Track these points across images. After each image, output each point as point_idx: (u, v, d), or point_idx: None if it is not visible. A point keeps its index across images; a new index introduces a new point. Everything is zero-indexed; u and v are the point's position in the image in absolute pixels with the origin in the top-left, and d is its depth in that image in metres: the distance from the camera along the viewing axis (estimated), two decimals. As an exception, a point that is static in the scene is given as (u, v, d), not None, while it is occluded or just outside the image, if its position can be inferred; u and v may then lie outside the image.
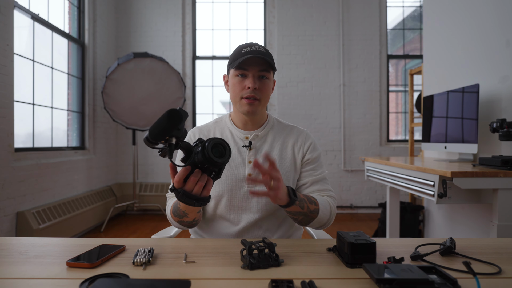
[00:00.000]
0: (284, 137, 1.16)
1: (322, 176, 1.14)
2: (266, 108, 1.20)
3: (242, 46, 1.10)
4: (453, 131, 2.28)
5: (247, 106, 1.07)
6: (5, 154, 2.62)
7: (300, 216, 0.99)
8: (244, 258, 0.73)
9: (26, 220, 2.74)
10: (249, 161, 1.10)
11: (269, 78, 1.09)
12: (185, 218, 0.97)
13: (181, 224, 1.03)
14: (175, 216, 1.00)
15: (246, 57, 1.03)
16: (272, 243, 0.74)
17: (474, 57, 2.37)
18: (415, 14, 4.95)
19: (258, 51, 1.06)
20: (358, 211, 4.61)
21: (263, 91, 1.08)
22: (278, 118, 1.23)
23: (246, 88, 1.06)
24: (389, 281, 0.57)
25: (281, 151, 1.13)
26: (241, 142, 1.13)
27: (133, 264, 0.72)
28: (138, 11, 4.62)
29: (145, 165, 4.57)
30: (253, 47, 1.07)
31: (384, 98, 4.69)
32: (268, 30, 4.71)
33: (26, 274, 0.68)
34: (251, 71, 1.06)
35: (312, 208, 1.00)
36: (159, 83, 3.98)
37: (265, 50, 1.08)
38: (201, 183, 0.79)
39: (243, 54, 1.06)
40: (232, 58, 1.11)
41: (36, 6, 3.16)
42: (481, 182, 1.70)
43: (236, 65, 1.05)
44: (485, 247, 0.84)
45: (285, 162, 1.12)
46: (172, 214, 1.02)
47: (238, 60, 1.05)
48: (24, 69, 3.03)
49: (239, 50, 1.09)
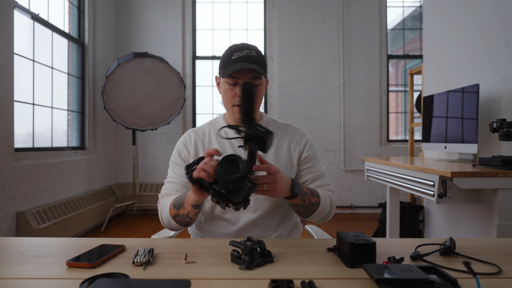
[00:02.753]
0: (279, 135, 1.16)
1: (321, 172, 1.16)
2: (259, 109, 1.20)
3: (232, 49, 1.06)
4: (453, 131, 2.28)
5: (239, 113, 1.07)
6: (5, 154, 2.62)
7: (301, 208, 1.01)
8: (237, 259, 0.73)
9: (26, 220, 2.74)
10: None
11: (261, 83, 1.07)
12: (181, 211, 0.97)
13: (175, 219, 1.00)
14: (175, 208, 0.99)
15: (236, 69, 1.01)
16: (262, 241, 0.75)
17: (474, 57, 2.37)
18: (415, 14, 4.95)
19: (248, 56, 1.03)
20: (358, 211, 4.61)
21: (255, 98, 1.07)
22: (272, 117, 1.23)
23: (238, 96, 1.05)
24: (389, 281, 0.57)
25: (276, 149, 1.14)
26: (236, 143, 1.13)
27: (133, 264, 0.72)
28: (138, 11, 4.62)
29: (145, 165, 4.57)
30: (243, 51, 1.04)
31: (384, 98, 4.69)
32: (268, 30, 4.71)
33: (26, 274, 0.68)
34: (242, 79, 1.04)
35: (314, 200, 1.02)
36: (159, 83, 3.98)
37: (256, 53, 1.05)
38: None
39: (234, 61, 1.03)
40: (222, 63, 1.08)
41: (36, 6, 3.16)
42: (481, 182, 1.70)
43: (226, 75, 1.03)
44: (485, 247, 0.84)
45: (281, 160, 1.13)
46: (171, 206, 1.01)
47: (229, 69, 1.03)
48: (24, 69, 3.03)
49: (229, 55, 1.05)
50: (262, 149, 0.79)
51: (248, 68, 1.01)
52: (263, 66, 1.06)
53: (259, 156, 0.85)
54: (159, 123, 4.02)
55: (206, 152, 0.82)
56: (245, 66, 1.00)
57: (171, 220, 1.02)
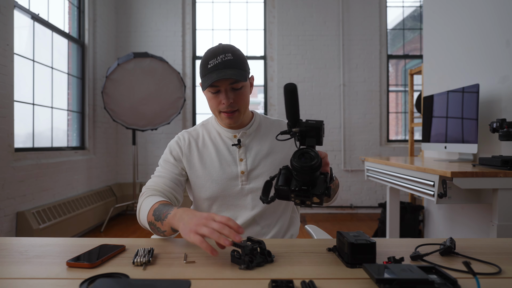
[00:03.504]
0: (273, 131, 1.17)
1: None
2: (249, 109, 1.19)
3: (208, 56, 1.02)
4: (453, 131, 2.28)
5: (228, 119, 1.07)
6: (5, 154, 2.62)
7: None
8: (237, 260, 0.72)
9: (26, 220, 2.74)
10: (240, 159, 1.11)
11: (244, 85, 1.05)
12: (159, 224, 0.90)
13: (150, 227, 0.95)
14: (154, 216, 0.93)
15: (213, 80, 0.97)
16: (262, 241, 0.76)
17: (474, 57, 2.37)
18: (415, 14, 4.95)
19: (224, 62, 0.99)
20: (358, 211, 4.60)
21: (239, 102, 1.05)
22: (263, 115, 1.23)
23: (222, 104, 1.04)
24: (389, 281, 0.57)
25: (271, 145, 1.14)
26: (230, 141, 1.13)
27: (133, 264, 0.72)
28: (138, 11, 4.62)
29: (145, 165, 4.57)
30: (218, 57, 1.00)
31: (384, 98, 4.69)
32: (268, 30, 4.71)
33: (26, 274, 0.68)
34: (223, 86, 1.02)
35: (337, 182, 1.10)
36: (159, 83, 3.98)
37: (232, 55, 1.01)
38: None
39: (210, 70, 1.00)
40: (201, 72, 1.04)
41: (36, 6, 3.16)
42: (481, 182, 1.70)
43: (206, 87, 1.00)
44: (485, 247, 0.84)
45: (277, 155, 1.13)
46: (151, 212, 0.94)
47: (207, 81, 1.00)
48: (24, 69, 3.03)
49: (205, 63, 1.02)
50: (318, 141, 0.80)
51: (224, 78, 0.98)
52: (242, 67, 1.02)
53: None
54: (159, 123, 4.02)
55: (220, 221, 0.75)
56: (221, 76, 0.97)
57: (146, 224, 0.96)
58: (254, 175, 1.10)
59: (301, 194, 0.76)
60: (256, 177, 1.10)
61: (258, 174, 1.10)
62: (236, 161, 1.11)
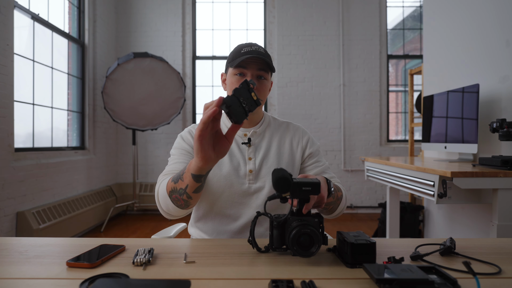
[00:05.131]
0: (281, 133, 1.19)
1: (326, 166, 1.19)
2: (262, 107, 1.23)
3: (241, 45, 1.11)
4: (453, 131, 2.28)
5: None
6: (5, 154, 2.62)
7: (330, 206, 1.02)
8: (228, 113, 0.74)
9: (26, 220, 2.74)
10: (249, 158, 1.12)
11: (267, 79, 1.11)
12: (179, 184, 0.88)
13: (171, 196, 0.92)
14: (173, 181, 0.91)
15: (246, 56, 1.04)
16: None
17: (474, 57, 2.37)
18: (415, 14, 4.95)
19: (257, 51, 1.08)
20: (358, 211, 4.61)
21: (260, 91, 1.09)
22: (273, 116, 1.26)
23: None
24: (389, 281, 0.57)
25: (279, 146, 1.16)
26: (240, 140, 1.15)
27: (133, 264, 0.72)
28: (138, 11, 4.62)
29: (145, 165, 4.57)
30: (252, 47, 1.09)
31: (384, 98, 4.69)
32: (268, 30, 4.71)
33: (26, 274, 0.68)
34: (250, 70, 1.07)
35: (339, 195, 1.05)
36: (159, 83, 3.98)
37: (264, 51, 1.10)
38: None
39: (243, 54, 1.07)
40: (231, 57, 1.12)
41: (36, 6, 3.16)
42: (481, 182, 1.70)
43: (235, 64, 1.07)
44: (485, 247, 0.84)
45: (283, 157, 1.15)
46: (170, 180, 0.93)
47: (238, 59, 1.06)
48: (24, 69, 3.03)
49: (238, 50, 1.10)
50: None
51: (257, 57, 1.05)
52: (271, 62, 1.10)
53: (305, 206, 0.78)
54: (159, 123, 4.02)
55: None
56: (254, 55, 1.04)
57: (167, 198, 0.93)
58: (261, 175, 1.11)
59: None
60: (263, 177, 1.11)
61: (264, 174, 1.11)
62: (245, 159, 1.12)
